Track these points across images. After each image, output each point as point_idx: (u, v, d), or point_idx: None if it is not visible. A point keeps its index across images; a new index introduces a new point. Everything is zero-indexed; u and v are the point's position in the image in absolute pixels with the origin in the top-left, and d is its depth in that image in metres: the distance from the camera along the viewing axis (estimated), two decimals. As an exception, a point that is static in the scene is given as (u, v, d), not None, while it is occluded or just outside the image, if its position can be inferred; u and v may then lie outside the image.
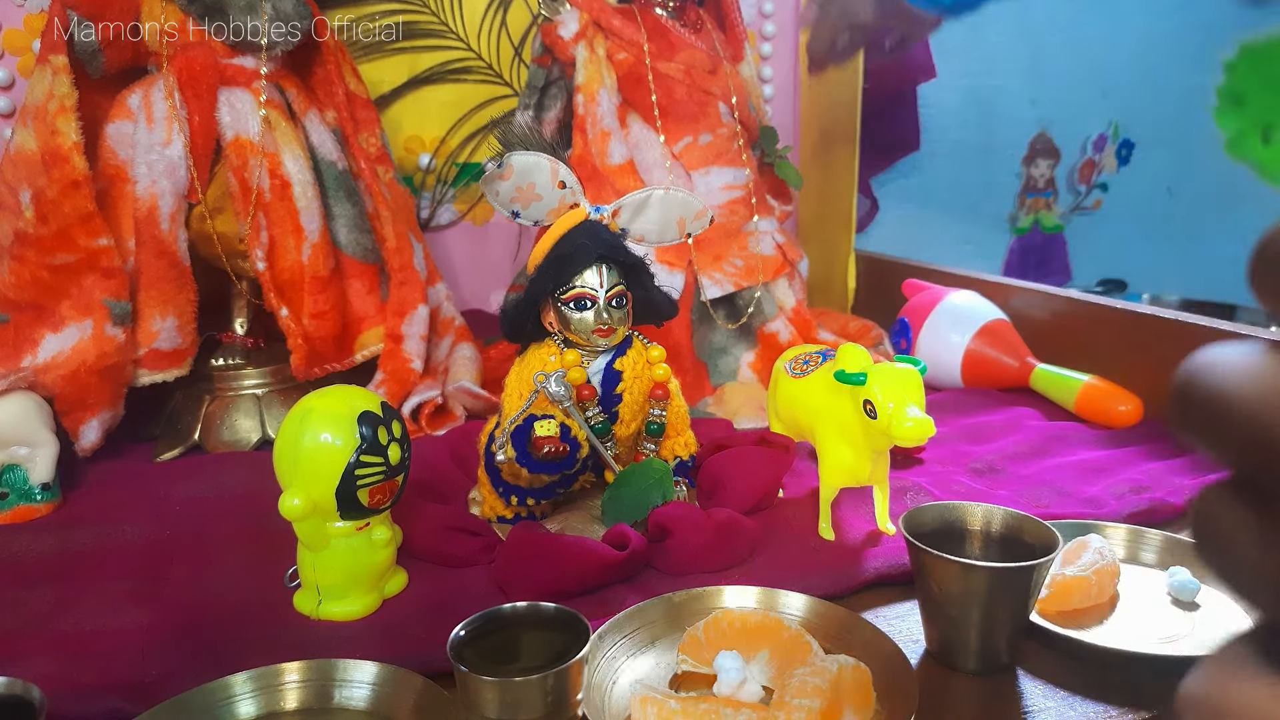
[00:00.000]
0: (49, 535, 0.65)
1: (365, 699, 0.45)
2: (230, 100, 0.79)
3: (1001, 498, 0.67)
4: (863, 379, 0.56)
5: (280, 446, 0.53)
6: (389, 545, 0.55)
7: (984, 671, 0.49)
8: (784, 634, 0.47)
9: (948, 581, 0.47)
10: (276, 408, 0.84)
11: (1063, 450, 0.77)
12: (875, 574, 0.57)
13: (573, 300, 0.61)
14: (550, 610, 0.46)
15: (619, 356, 0.64)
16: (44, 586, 0.57)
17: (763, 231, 0.98)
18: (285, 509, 0.51)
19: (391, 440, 0.53)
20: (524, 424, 0.58)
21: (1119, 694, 0.47)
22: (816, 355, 0.67)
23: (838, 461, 0.61)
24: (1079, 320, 0.94)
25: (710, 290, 0.95)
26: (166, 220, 0.77)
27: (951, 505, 0.53)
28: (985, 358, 0.91)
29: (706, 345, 0.97)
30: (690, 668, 0.47)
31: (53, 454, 0.70)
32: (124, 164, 0.77)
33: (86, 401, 0.75)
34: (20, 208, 0.74)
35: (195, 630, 0.52)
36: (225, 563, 0.60)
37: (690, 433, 0.70)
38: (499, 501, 0.63)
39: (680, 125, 0.96)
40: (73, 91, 0.73)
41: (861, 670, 0.43)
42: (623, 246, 0.63)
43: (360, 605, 0.54)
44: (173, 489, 0.73)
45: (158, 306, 0.78)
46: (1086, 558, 0.55)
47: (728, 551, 0.58)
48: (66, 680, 0.47)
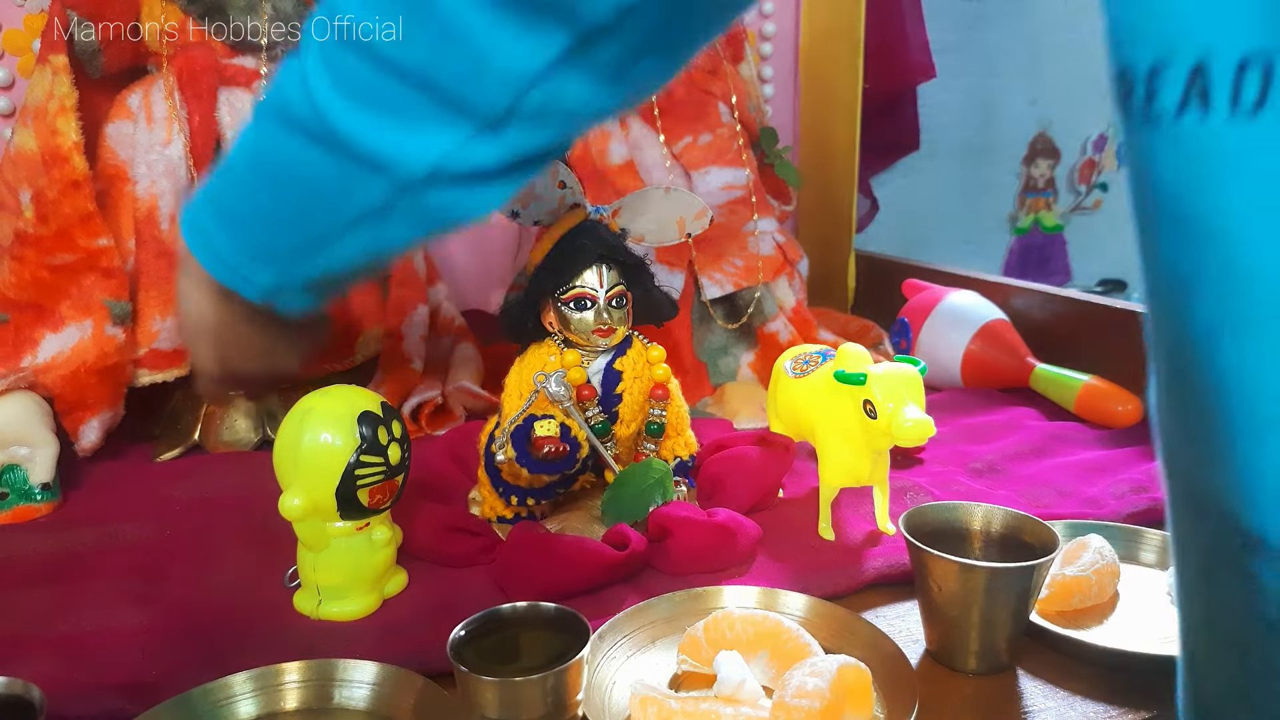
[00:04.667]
0: (49, 535, 0.65)
1: (365, 699, 0.45)
2: (230, 100, 0.79)
3: (1001, 498, 0.67)
4: (863, 379, 0.56)
5: (280, 446, 0.53)
6: (389, 545, 0.55)
7: (984, 671, 0.49)
8: (784, 634, 0.47)
9: (948, 581, 0.47)
10: (276, 408, 0.84)
11: (1063, 450, 0.77)
12: (875, 574, 0.57)
13: (573, 300, 0.61)
14: (550, 610, 0.46)
15: (619, 356, 0.64)
16: (44, 586, 0.57)
17: (763, 231, 0.98)
18: (285, 509, 0.51)
19: (391, 440, 0.53)
20: (524, 424, 0.58)
21: (1119, 694, 0.47)
22: (816, 355, 0.67)
23: (838, 461, 0.61)
24: (1079, 320, 0.94)
25: (710, 290, 0.95)
26: (167, 220, 0.77)
27: (951, 505, 0.53)
28: (985, 358, 0.91)
29: (706, 345, 0.97)
30: (690, 668, 0.47)
31: (53, 454, 0.70)
32: (124, 164, 0.77)
33: (86, 401, 0.75)
34: (20, 208, 0.74)
35: (195, 630, 0.52)
36: (225, 563, 0.60)
37: (690, 433, 0.70)
38: (499, 501, 0.63)
39: (680, 125, 0.96)
40: (73, 91, 0.73)
41: (861, 670, 0.43)
42: (623, 246, 0.63)
43: (360, 605, 0.54)
44: (173, 489, 0.73)
45: (158, 306, 0.78)
46: (1086, 558, 0.55)
47: (728, 551, 0.58)
48: (66, 680, 0.47)
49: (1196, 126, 0.26)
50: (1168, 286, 0.29)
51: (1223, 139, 0.26)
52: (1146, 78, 0.27)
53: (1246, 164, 0.26)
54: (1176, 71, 0.26)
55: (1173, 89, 0.26)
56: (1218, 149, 0.26)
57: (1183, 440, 0.30)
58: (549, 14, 0.40)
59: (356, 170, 0.45)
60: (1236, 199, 0.26)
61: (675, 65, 0.48)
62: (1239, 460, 0.27)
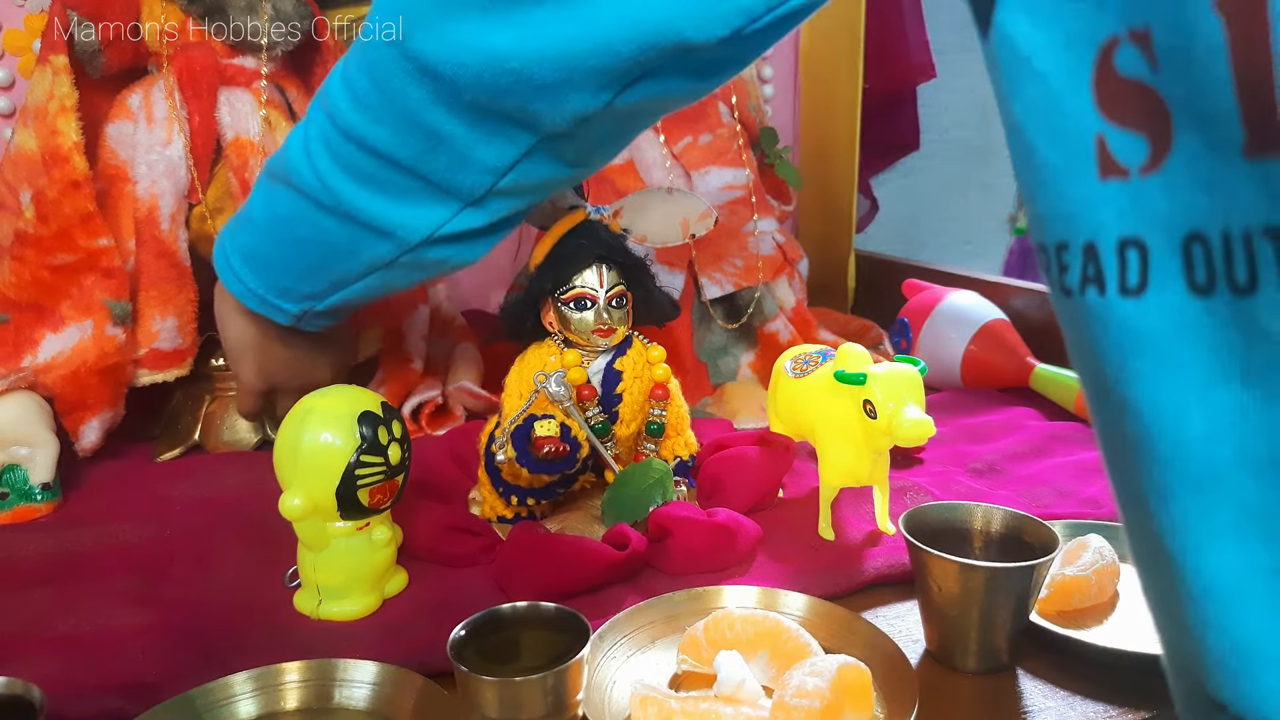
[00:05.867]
0: (49, 535, 0.65)
1: (365, 699, 0.46)
2: (230, 100, 0.79)
3: (1001, 498, 0.67)
4: (863, 379, 0.56)
5: (280, 446, 0.53)
6: (389, 545, 0.55)
7: (984, 671, 0.49)
8: (784, 634, 0.47)
9: (948, 581, 0.47)
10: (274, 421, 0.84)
11: (1063, 450, 0.77)
12: (875, 574, 0.57)
13: (573, 300, 0.61)
14: (550, 610, 0.46)
15: (619, 356, 0.64)
16: (44, 586, 0.57)
17: (763, 231, 0.98)
18: (285, 509, 0.51)
19: (391, 440, 0.53)
20: (524, 424, 0.58)
21: (1119, 694, 0.47)
22: (816, 355, 0.67)
23: (838, 461, 0.61)
24: (1079, 320, 0.94)
25: (710, 290, 0.95)
26: (167, 220, 0.77)
27: (951, 505, 0.53)
28: (985, 358, 0.91)
29: (706, 345, 0.97)
30: (690, 668, 0.47)
31: (53, 454, 0.70)
32: (124, 164, 0.77)
33: (86, 401, 0.75)
34: (20, 208, 0.74)
35: (195, 630, 0.52)
36: (225, 563, 0.60)
37: (690, 433, 0.70)
38: (499, 501, 0.63)
39: (680, 125, 0.96)
40: (73, 91, 0.73)
41: (861, 670, 0.43)
42: (623, 247, 0.63)
43: (360, 605, 0.54)
44: (173, 489, 0.73)
45: (158, 306, 0.78)
46: (1086, 558, 0.55)
47: (728, 551, 0.58)
48: (66, 680, 0.47)
49: (1097, 302, 0.28)
50: (1109, 449, 0.30)
51: (1119, 315, 0.28)
52: (1056, 254, 0.30)
53: (1141, 339, 0.27)
54: (1074, 252, 0.29)
55: (1075, 268, 0.29)
56: (1117, 324, 0.28)
57: (1152, 597, 0.31)
58: (515, 124, 0.48)
59: (365, 234, 0.54)
60: (1137, 372, 0.27)
61: (625, 144, 0.56)
62: (1189, 626, 0.28)
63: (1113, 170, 0.27)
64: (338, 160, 0.52)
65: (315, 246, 0.56)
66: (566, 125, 0.47)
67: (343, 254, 0.56)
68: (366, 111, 0.50)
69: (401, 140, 0.49)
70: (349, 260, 0.56)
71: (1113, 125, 0.27)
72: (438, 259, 0.55)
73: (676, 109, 0.53)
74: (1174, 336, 0.26)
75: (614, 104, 0.46)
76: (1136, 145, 0.27)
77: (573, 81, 0.45)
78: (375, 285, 0.58)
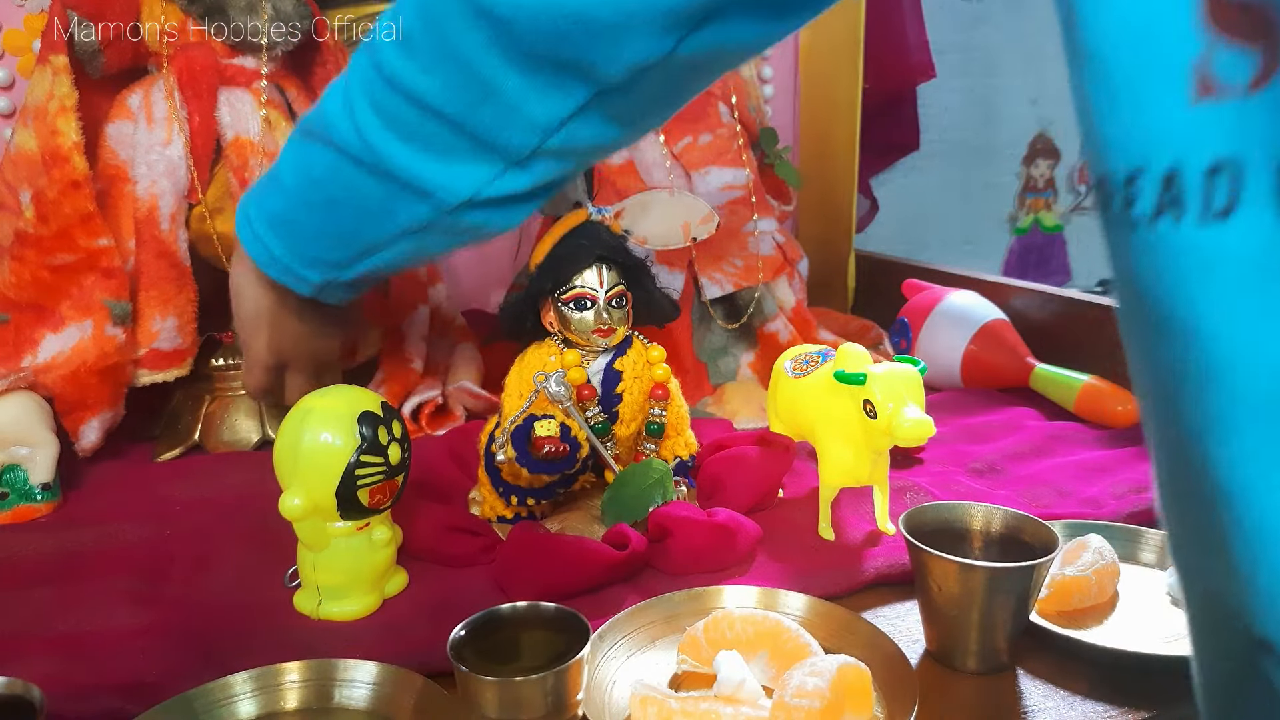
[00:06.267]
0: (49, 535, 0.65)
1: (365, 699, 0.46)
2: (230, 100, 0.79)
3: (1001, 498, 0.67)
4: (863, 379, 0.56)
5: (280, 446, 0.53)
6: (389, 545, 0.55)
7: (984, 671, 0.49)
8: (784, 634, 0.47)
9: (948, 581, 0.47)
10: (276, 408, 0.84)
11: (1063, 450, 0.77)
12: (875, 574, 0.57)
13: (573, 300, 0.61)
14: (550, 610, 0.46)
15: (619, 356, 0.64)
16: (44, 586, 0.57)
17: (763, 231, 0.98)
18: (285, 509, 0.51)
19: (391, 440, 0.53)
20: (524, 424, 0.58)
21: (1119, 694, 0.47)
22: (816, 355, 0.67)
23: (838, 461, 0.61)
24: (1079, 320, 0.94)
25: (710, 290, 0.95)
26: (167, 220, 0.77)
27: (951, 505, 0.53)
28: (985, 358, 0.91)
29: (706, 345, 0.97)
30: (690, 668, 0.47)
31: (53, 454, 0.70)
32: (124, 164, 0.77)
33: (86, 401, 0.75)
34: (20, 208, 0.74)
35: (195, 630, 0.52)
36: (225, 563, 0.60)
37: (690, 433, 0.70)
38: (499, 501, 0.63)
39: (680, 125, 0.96)
40: (73, 91, 0.73)
41: (861, 670, 0.43)
42: (623, 247, 0.63)
43: (360, 605, 0.54)
44: (173, 489, 0.73)
45: (158, 306, 0.78)
46: (1086, 558, 0.55)
47: (728, 551, 0.58)
48: (66, 680, 0.47)
49: (1171, 231, 0.27)
50: (1156, 387, 0.30)
51: (1196, 242, 0.26)
52: (1124, 185, 0.28)
53: (1219, 266, 0.26)
54: (1151, 179, 0.27)
55: (1148, 196, 0.27)
56: (1192, 252, 0.27)
57: (1185, 538, 0.31)
58: (571, 75, 0.46)
59: (403, 195, 0.52)
60: (1211, 300, 0.27)
61: (679, 107, 0.55)
62: (1237, 564, 0.27)
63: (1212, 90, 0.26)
64: (381, 113, 0.50)
65: (348, 209, 0.55)
66: (623, 76, 0.46)
67: (377, 216, 0.54)
68: (416, 58, 0.48)
69: (451, 91, 0.48)
70: (383, 223, 0.54)
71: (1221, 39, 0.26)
72: (474, 224, 0.54)
73: (740, 63, 0.52)
74: (1259, 263, 0.25)
75: (676, 52, 0.45)
76: (1244, 61, 0.25)
77: (634, 24, 0.43)
78: (407, 252, 0.56)
